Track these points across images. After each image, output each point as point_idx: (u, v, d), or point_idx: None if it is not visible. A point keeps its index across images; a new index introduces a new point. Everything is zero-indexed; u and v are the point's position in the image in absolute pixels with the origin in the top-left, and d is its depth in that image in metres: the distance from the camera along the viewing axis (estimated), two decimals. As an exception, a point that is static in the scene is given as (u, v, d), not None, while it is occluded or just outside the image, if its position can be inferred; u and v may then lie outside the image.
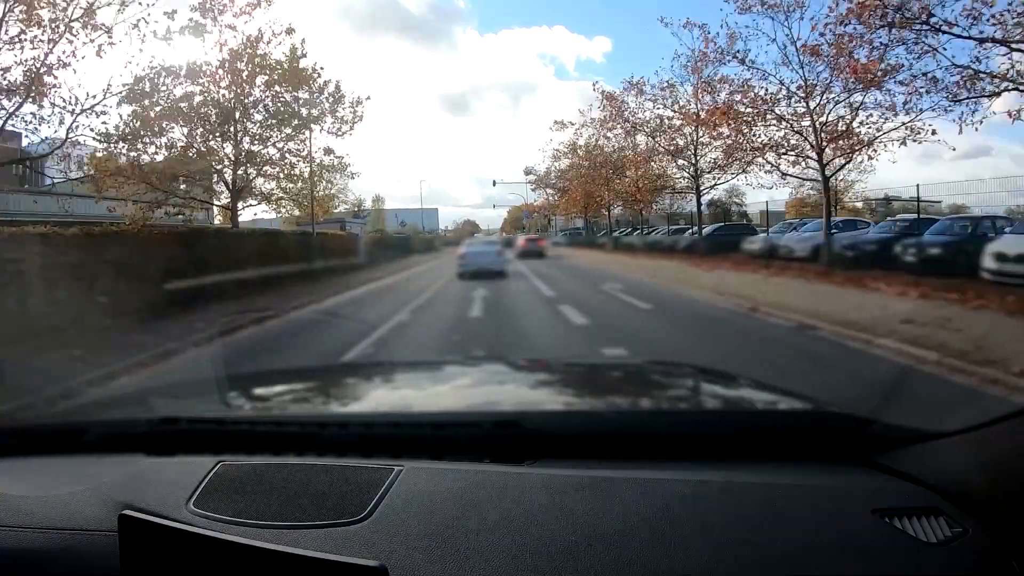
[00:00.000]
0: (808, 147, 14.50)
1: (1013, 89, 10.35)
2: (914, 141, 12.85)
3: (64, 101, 10.31)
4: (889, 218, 17.94)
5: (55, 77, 10.03)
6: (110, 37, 10.45)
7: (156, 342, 6.85)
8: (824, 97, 13.81)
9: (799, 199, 28.83)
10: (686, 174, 21.95)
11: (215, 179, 16.75)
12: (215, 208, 17.54)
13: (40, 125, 10.64)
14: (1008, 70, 10.19)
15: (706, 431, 1.13)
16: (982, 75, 10.58)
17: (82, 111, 10.70)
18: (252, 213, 21.42)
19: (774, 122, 14.95)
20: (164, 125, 13.29)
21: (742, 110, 15.46)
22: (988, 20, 10.13)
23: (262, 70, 15.06)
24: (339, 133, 17.29)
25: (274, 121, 15.83)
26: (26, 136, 12.00)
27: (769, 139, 15.34)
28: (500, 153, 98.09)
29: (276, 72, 15.27)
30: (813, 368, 5.52)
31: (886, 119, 13.13)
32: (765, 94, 14.86)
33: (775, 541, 0.84)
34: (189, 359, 6.35)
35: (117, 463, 1.14)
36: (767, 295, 9.86)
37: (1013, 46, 9.90)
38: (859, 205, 26.87)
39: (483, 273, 15.99)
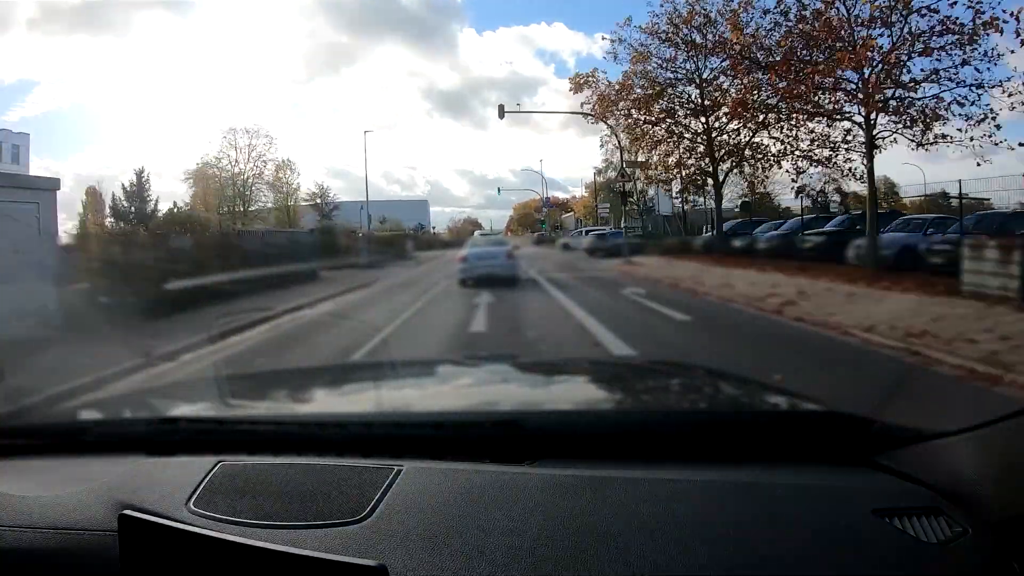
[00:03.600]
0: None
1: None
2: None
3: None
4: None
5: None
6: None
7: None
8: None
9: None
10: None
11: None
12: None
13: None
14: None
15: (706, 431, 1.13)
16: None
17: None
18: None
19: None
20: None
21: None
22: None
23: None
24: None
25: None
26: None
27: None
28: (501, 154, 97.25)
29: None
30: None
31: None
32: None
33: (775, 541, 0.84)
34: None
35: (117, 463, 1.14)
36: None
37: None
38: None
39: (490, 279, 13.15)
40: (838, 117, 14.79)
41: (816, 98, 14.82)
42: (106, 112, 61.35)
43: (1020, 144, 12.76)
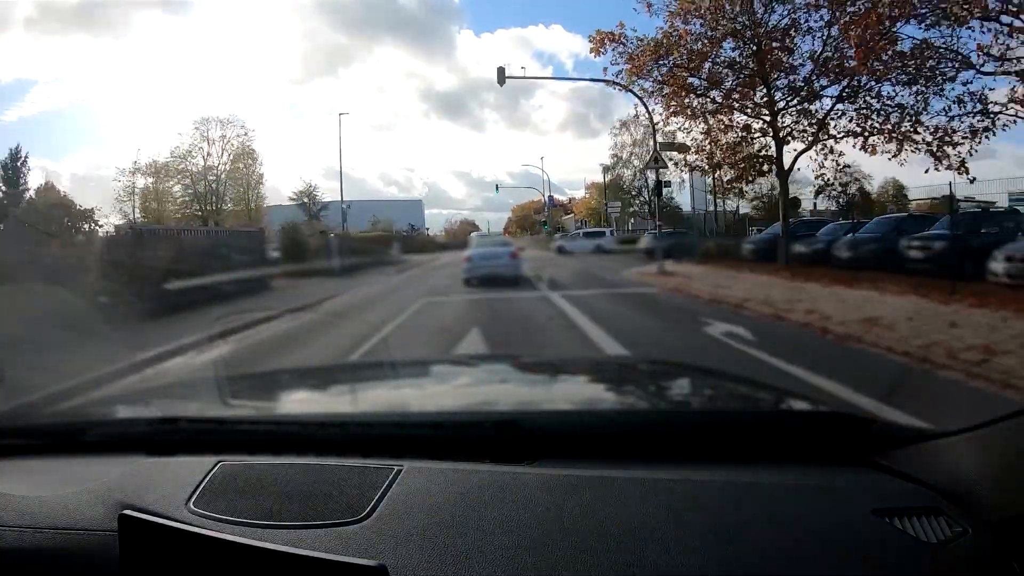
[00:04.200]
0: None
1: None
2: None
3: None
4: None
5: None
6: None
7: None
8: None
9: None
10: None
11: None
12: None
13: None
14: None
15: (706, 431, 1.12)
16: None
17: None
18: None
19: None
20: None
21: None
22: None
23: None
24: None
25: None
26: None
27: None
28: (498, 155, 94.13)
29: None
30: None
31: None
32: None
33: (775, 541, 0.83)
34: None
35: (117, 463, 1.13)
36: None
37: None
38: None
39: (493, 279, 13.06)
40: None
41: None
42: (104, 112, 59.58)
43: None
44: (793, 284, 11.30)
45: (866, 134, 14.28)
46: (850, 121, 14.57)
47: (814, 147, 15.02)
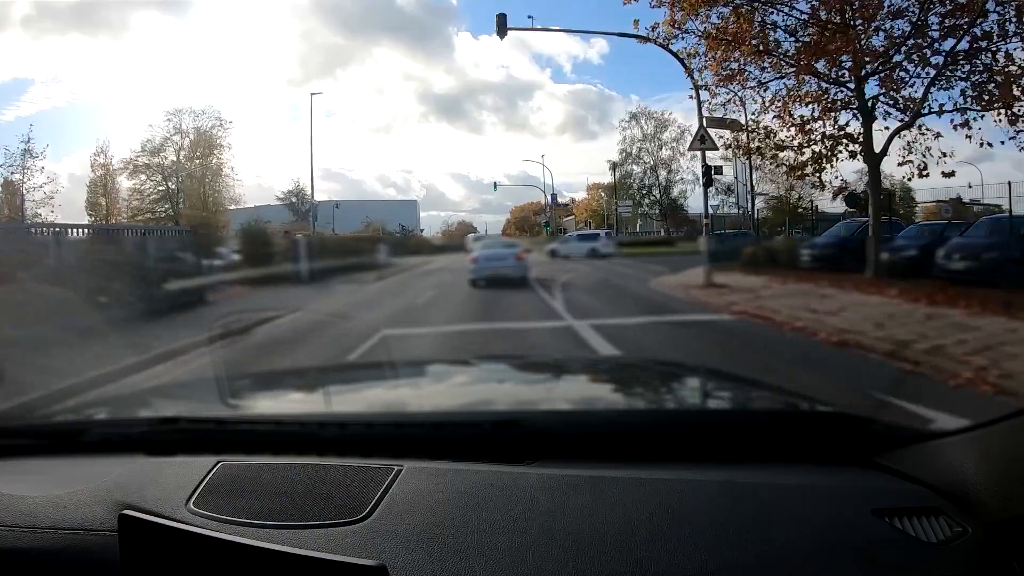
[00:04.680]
0: None
1: None
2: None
3: None
4: None
5: None
6: None
7: None
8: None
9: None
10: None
11: None
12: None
13: None
14: None
15: (706, 431, 1.12)
16: None
17: None
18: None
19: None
20: None
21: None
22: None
23: None
24: None
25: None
26: None
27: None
28: (497, 158, 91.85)
29: None
30: None
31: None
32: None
33: (775, 541, 0.83)
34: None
35: (117, 463, 1.13)
36: None
37: None
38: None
39: (498, 280, 13.13)
40: None
41: None
42: (102, 112, 58.74)
43: None
44: (925, 310, 7.57)
45: (1007, 103, 10.49)
46: (982, 85, 10.83)
47: (913, 124, 11.25)
